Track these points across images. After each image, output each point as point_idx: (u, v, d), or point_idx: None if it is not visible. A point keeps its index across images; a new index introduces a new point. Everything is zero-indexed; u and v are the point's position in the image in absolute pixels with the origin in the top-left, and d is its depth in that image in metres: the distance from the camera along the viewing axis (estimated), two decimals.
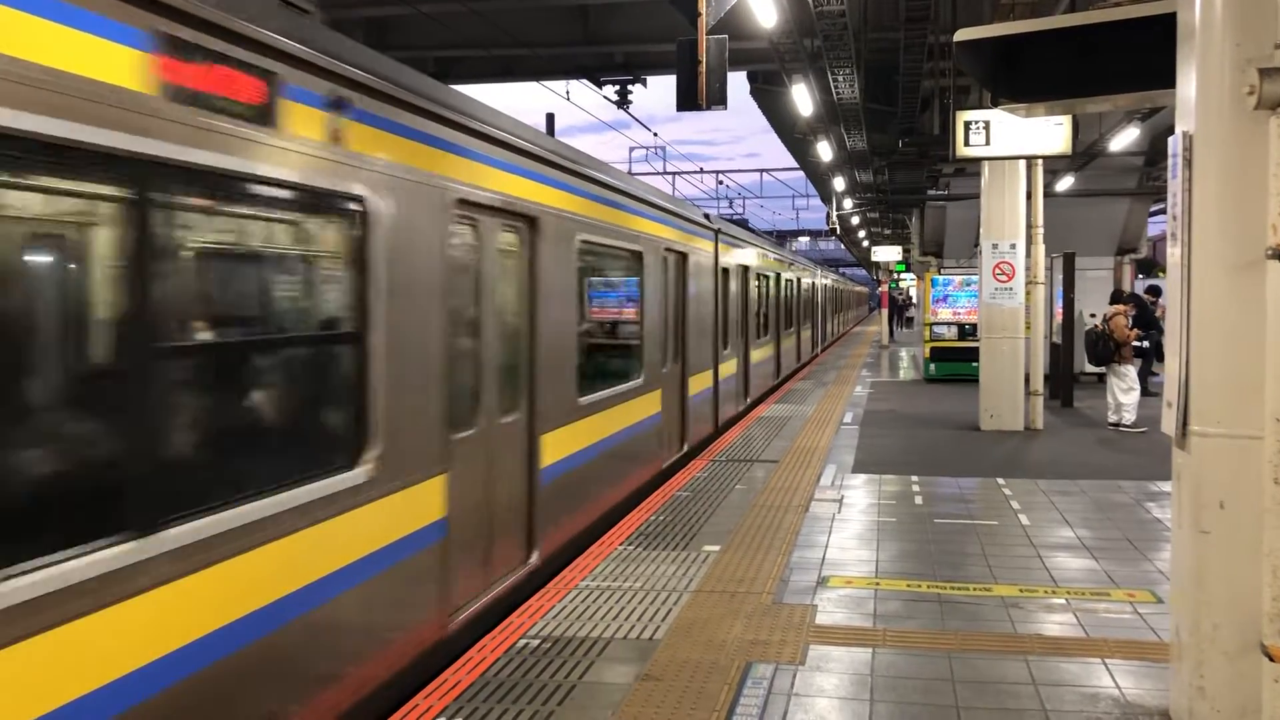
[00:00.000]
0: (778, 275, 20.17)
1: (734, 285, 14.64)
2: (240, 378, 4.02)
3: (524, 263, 6.57)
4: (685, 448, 11.33)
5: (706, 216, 13.20)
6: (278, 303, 4.35)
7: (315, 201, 4.22)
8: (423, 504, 4.95)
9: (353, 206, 4.41)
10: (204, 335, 3.74)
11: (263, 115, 3.76)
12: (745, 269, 15.77)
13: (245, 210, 3.98)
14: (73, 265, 3.35)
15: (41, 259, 3.24)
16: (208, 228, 3.80)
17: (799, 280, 24.57)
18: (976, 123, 10.96)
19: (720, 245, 13.51)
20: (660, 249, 10.05)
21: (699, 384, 12.08)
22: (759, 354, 17.38)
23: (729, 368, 14.20)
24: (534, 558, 6.53)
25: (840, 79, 12.89)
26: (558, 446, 6.96)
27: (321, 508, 4.09)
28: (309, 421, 4.42)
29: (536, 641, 5.28)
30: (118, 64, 3.08)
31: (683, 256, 11.27)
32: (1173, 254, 4.12)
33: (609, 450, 8.24)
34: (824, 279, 35.48)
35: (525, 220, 6.50)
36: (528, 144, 6.53)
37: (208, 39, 3.45)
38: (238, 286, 4.08)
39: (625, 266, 9.26)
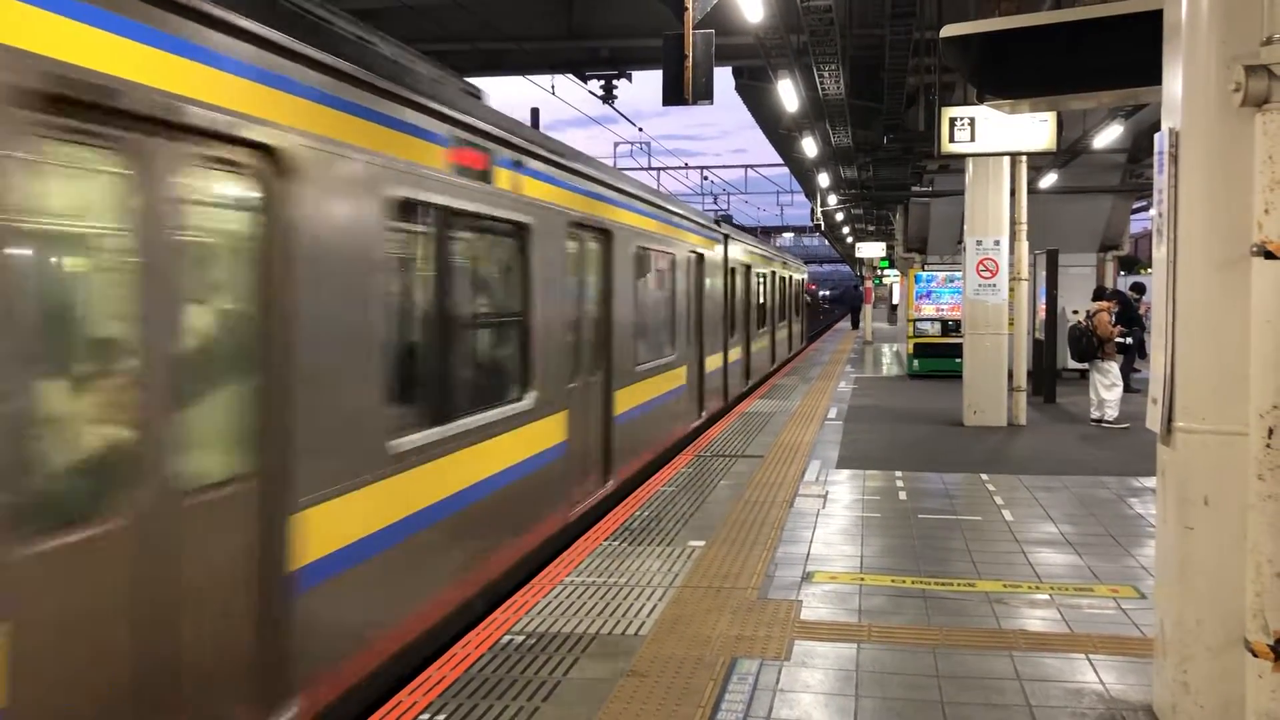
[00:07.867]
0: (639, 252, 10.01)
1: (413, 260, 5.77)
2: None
3: None
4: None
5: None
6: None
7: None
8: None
9: None
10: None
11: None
12: (524, 228, 6.79)
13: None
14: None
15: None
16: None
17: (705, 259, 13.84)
18: (961, 119, 10.99)
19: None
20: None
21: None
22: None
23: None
24: None
25: (826, 75, 12.88)
26: None
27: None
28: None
29: (521, 638, 5.26)
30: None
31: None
32: (1158, 250, 4.13)
33: None
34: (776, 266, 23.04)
35: None
36: None
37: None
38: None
39: None
